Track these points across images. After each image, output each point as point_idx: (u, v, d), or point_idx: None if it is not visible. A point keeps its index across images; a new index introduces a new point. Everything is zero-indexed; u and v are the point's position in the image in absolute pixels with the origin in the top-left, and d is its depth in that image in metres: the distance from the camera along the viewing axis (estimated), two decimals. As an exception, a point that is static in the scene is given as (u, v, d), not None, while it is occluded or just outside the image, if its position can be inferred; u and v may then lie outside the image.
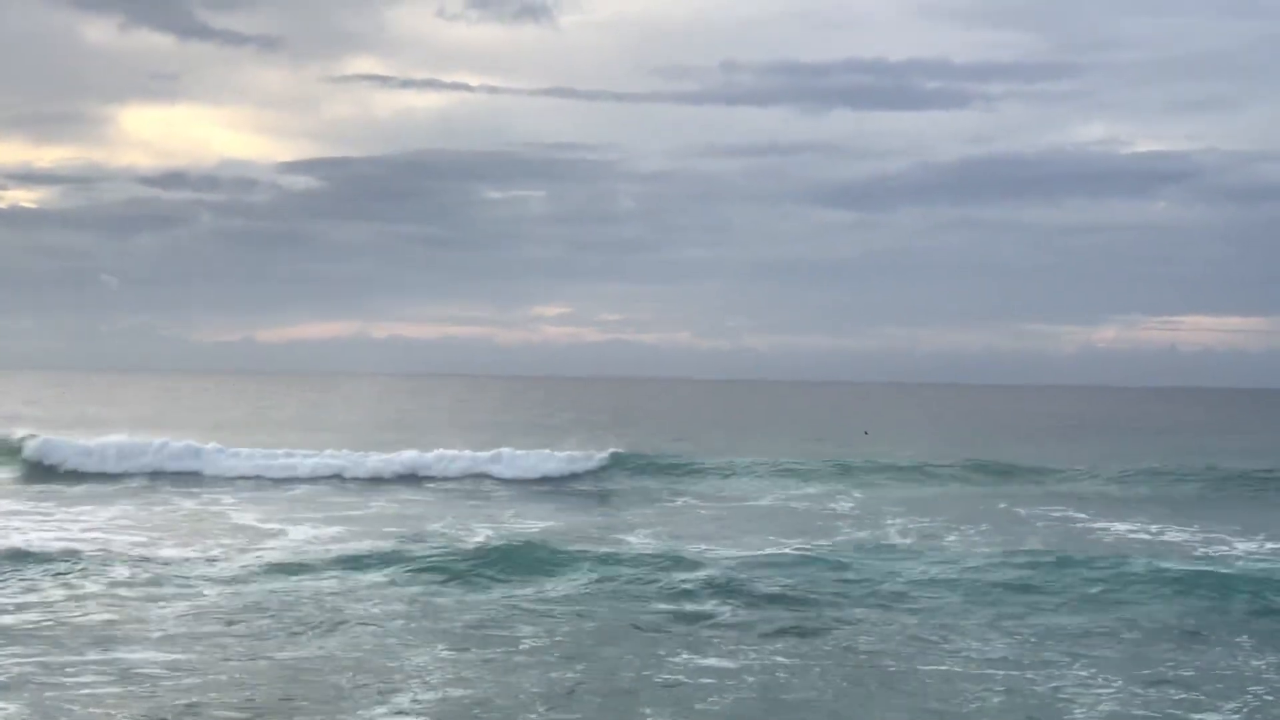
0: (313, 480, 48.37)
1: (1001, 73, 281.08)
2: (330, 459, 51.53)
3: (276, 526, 34.70)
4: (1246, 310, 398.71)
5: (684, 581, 25.14)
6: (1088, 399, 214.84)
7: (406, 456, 51.81)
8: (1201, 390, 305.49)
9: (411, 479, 49.39)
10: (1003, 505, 41.71)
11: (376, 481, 48.83)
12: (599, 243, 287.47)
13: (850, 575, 26.36)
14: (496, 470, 51.07)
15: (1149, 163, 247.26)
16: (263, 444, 56.76)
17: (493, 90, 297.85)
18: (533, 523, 36.26)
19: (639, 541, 32.28)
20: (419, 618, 22.22)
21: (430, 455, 51.90)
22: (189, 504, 40.29)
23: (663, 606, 23.32)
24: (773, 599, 23.85)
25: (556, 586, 25.05)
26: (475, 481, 49.26)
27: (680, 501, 43.23)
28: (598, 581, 25.39)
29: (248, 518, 36.54)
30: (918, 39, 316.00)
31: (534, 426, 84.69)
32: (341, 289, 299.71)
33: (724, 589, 24.48)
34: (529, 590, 24.67)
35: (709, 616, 22.50)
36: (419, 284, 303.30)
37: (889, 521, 37.07)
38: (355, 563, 27.30)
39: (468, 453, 52.46)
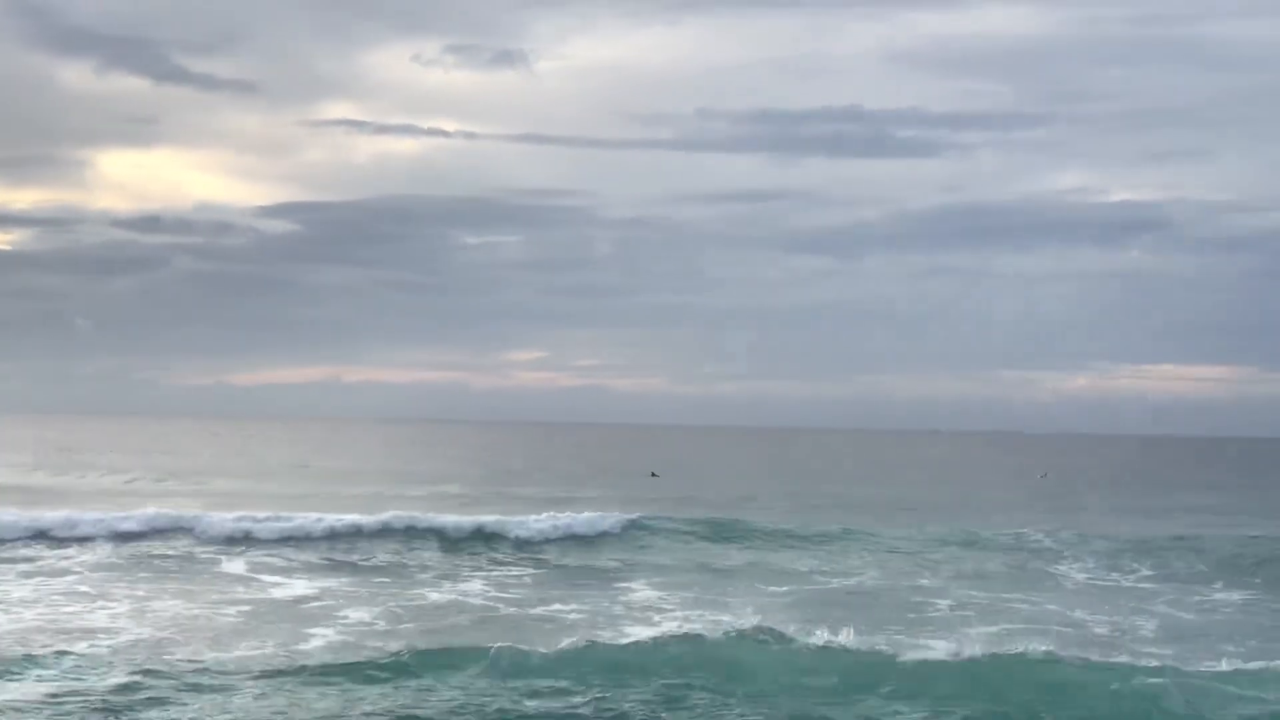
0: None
1: (975, 122, 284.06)
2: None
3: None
4: (1216, 359, 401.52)
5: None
6: (1043, 447, 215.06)
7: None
8: (1170, 439, 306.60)
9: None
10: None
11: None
12: (574, 288, 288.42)
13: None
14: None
15: (1121, 212, 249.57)
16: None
17: (469, 136, 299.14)
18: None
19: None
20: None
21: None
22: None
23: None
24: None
25: None
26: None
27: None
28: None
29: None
30: (892, 88, 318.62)
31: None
32: (316, 334, 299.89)
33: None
34: None
35: None
36: (394, 329, 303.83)
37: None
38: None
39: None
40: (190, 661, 21.81)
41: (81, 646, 23.13)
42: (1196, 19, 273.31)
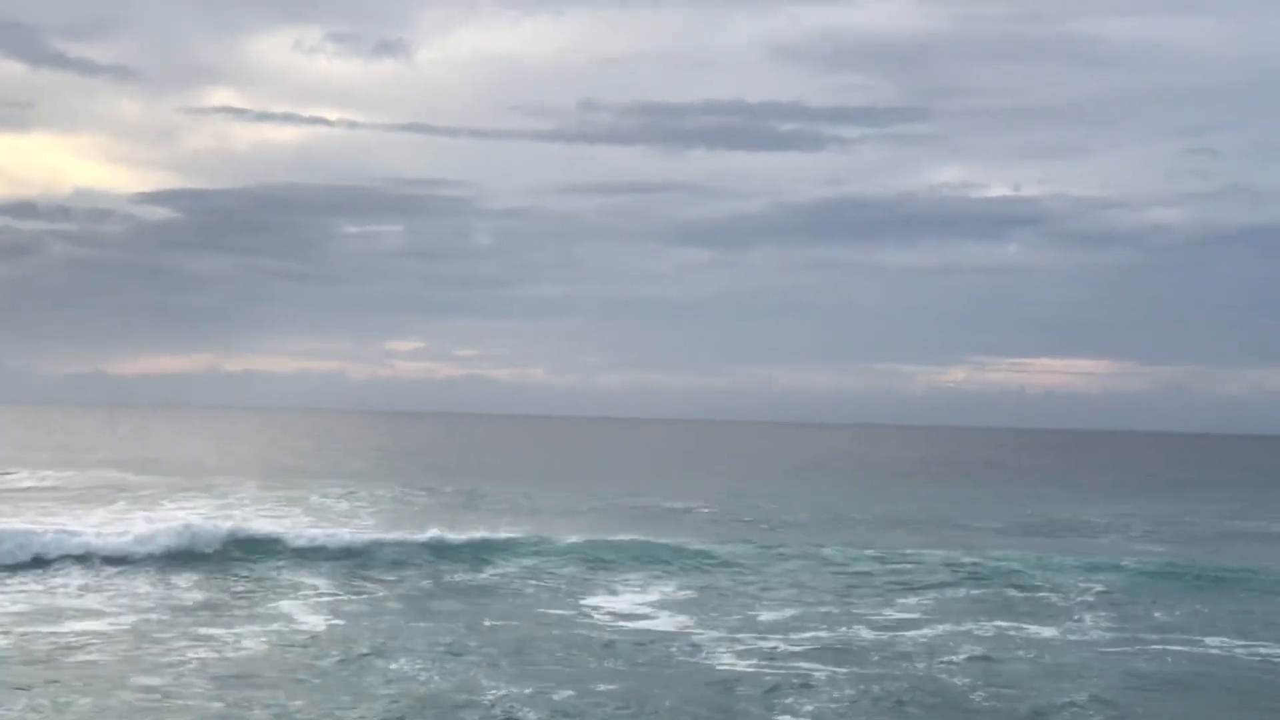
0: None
1: (857, 116, 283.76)
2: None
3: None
4: (1093, 353, 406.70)
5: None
6: (925, 439, 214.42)
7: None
8: (1049, 432, 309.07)
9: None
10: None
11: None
12: (455, 278, 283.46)
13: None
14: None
15: (1000, 207, 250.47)
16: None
17: (351, 125, 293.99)
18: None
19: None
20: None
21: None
22: None
23: None
24: None
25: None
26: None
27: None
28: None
29: None
30: (774, 82, 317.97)
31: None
32: (195, 322, 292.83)
33: None
34: None
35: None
36: (274, 318, 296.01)
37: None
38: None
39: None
40: None
41: None
42: (1073, 17, 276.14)
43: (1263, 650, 25.70)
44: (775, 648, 24.70)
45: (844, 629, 26.75)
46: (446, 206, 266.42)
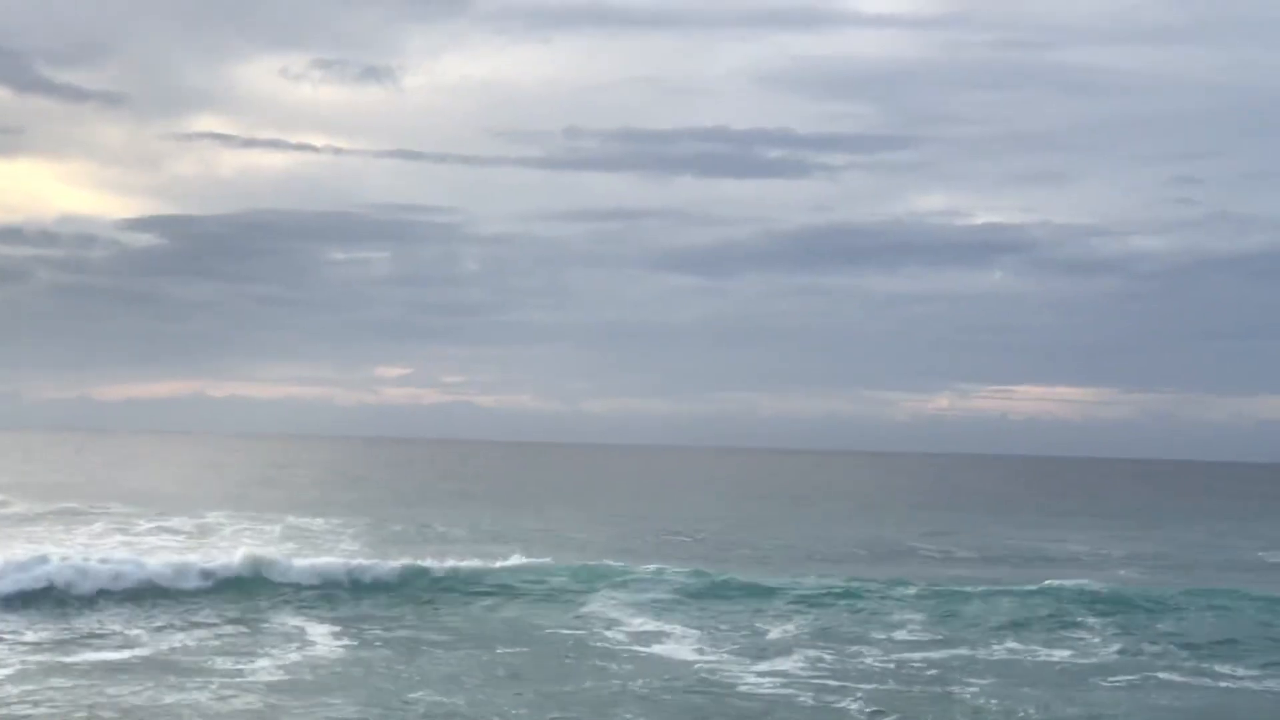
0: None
1: (843, 143, 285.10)
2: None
3: None
4: (1076, 381, 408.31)
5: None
6: (909, 466, 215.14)
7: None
8: (1030, 459, 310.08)
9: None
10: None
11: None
12: (442, 305, 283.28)
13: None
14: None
15: (986, 234, 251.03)
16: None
17: (338, 151, 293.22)
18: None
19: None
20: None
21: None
22: None
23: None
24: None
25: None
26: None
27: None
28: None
29: None
30: (761, 109, 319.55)
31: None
32: (181, 348, 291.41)
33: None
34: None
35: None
36: (260, 344, 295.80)
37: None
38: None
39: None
40: None
41: None
42: (1058, 45, 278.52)
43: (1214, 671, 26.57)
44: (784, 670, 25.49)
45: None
46: (433, 233, 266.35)
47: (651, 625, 31.39)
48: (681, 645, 28.93)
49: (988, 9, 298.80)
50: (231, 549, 39.13)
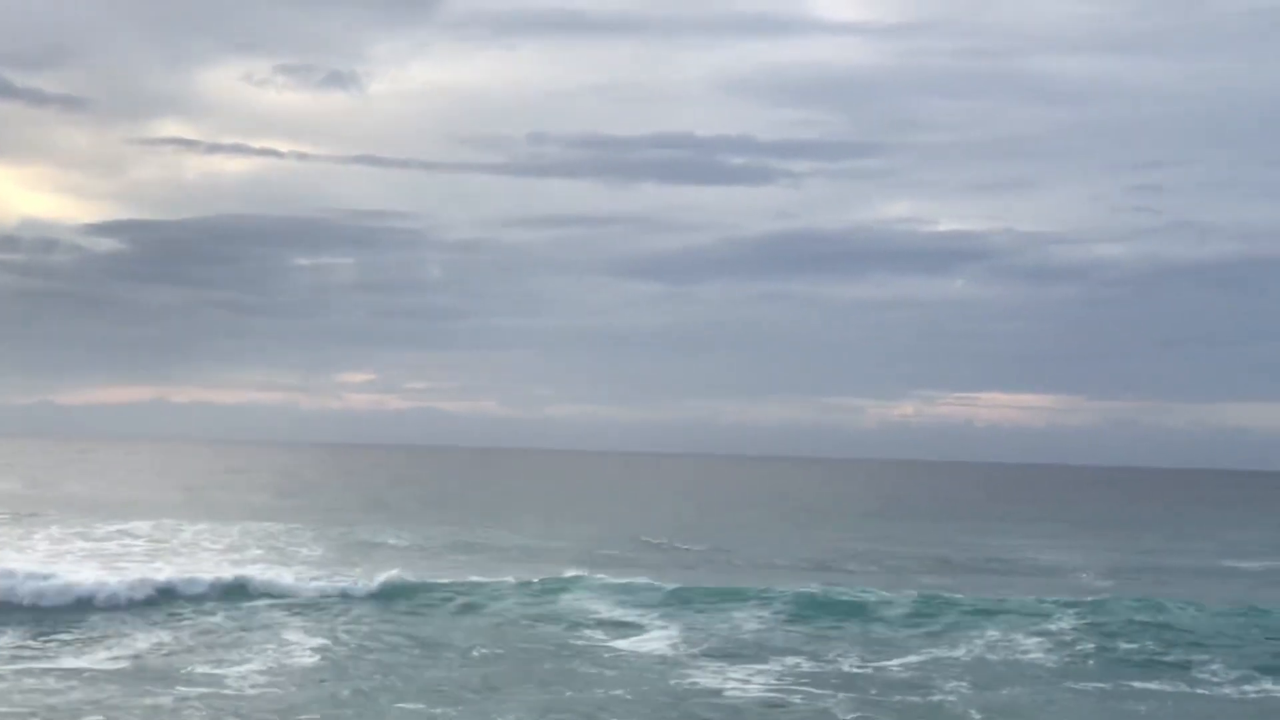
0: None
1: (806, 150, 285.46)
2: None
3: None
4: (1041, 388, 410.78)
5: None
6: (873, 473, 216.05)
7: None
8: (995, 466, 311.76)
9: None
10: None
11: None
12: (406, 311, 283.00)
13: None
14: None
15: (949, 242, 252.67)
16: None
17: (302, 156, 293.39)
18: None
19: None
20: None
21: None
22: None
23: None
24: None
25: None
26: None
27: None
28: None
29: None
30: (724, 115, 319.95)
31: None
32: (144, 354, 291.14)
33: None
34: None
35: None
36: (223, 350, 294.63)
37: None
38: None
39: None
40: None
41: None
42: (1021, 53, 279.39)
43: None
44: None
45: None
46: (398, 239, 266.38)
47: (628, 633, 31.55)
48: (658, 649, 29.12)
49: (951, 17, 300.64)
50: (209, 562, 38.97)
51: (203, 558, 43.44)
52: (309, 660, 27.38)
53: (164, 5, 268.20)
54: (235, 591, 35.70)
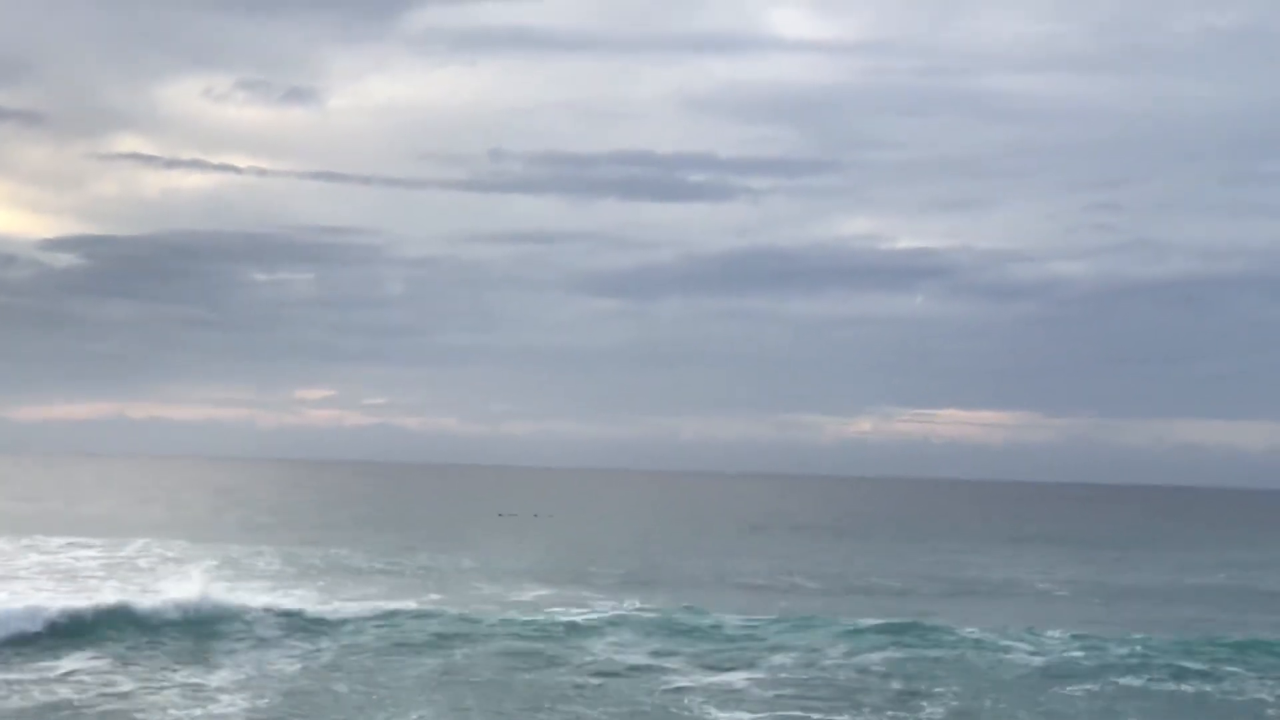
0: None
1: (767, 168, 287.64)
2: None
3: None
4: (996, 405, 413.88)
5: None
6: (830, 490, 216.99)
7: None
8: (953, 482, 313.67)
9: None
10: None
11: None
12: (365, 326, 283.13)
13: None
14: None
15: (908, 259, 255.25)
16: None
17: (261, 172, 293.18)
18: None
19: None
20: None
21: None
22: None
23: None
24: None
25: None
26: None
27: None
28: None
29: None
30: (684, 133, 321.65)
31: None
32: (101, 369, 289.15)
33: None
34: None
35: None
36: (181, 365, 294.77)
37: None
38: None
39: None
40: None
41: None
42: (979, 72, 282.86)
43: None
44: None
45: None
46: (357, 255, 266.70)
47: (605, 655, 31.95)
48: (634, 672, 29.61)
49: (910, 36, 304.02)
50: (185, 581, 38.30)
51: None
52: (285, 685, 27.73)
53: (123, 20, 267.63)
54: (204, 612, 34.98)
